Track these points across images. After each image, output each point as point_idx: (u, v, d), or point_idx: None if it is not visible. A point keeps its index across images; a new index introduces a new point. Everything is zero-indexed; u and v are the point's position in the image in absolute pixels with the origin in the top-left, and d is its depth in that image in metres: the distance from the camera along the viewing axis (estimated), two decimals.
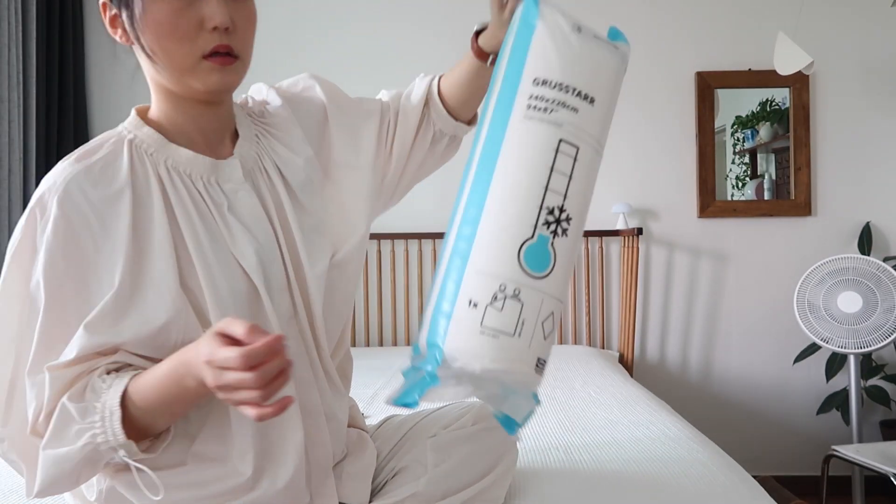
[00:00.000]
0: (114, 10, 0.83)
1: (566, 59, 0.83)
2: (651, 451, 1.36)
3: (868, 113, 2.93)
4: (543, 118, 0.80)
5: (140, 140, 0.87)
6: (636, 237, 2.76)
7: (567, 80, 0.82)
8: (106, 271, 0.80)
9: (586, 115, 0.82)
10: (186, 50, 0.81)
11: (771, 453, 2.90)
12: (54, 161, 2.76)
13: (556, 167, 0.79)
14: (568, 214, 0.78)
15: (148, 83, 0.89)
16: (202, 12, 0.80)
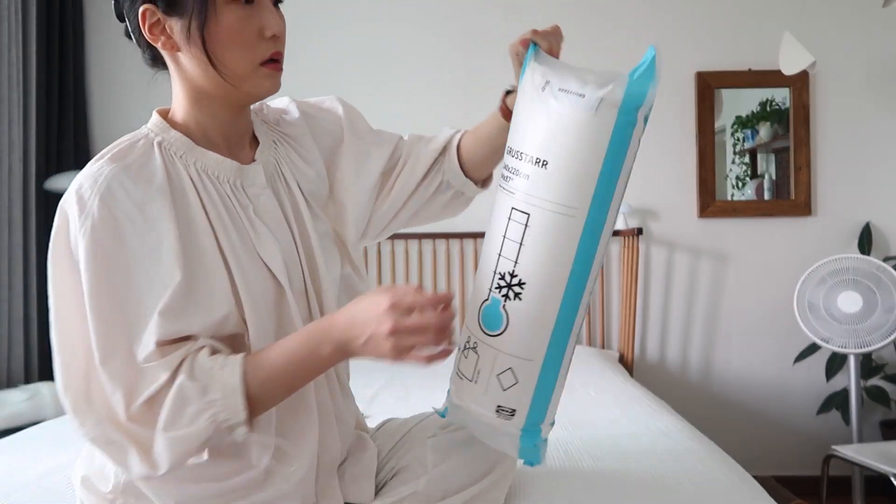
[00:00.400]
0: (156, 18, 0.85)
1: (518, 124, 0.86)
2: (651, 451, 1.36)
3: (868, 113, 2.93)
4: (504, 186, 0.86)
5: (168, 143, 0.89)
6: (636, 237, 2.76)
7: (517, 146, 0.85)
8: (155, 263, 0.80)
9: (539, 180, 0.82)
10: (248, 56, 0.85)
11: (771, 453, 2.90)
12: (54, 161, 2.77)
13: (508, 234, 0.84)
14: (520, 279, 0.83)
15: (176, 87, 0.91)
16: (262, 21, 0.85)
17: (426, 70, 2.98)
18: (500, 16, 2.99)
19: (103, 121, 2.99)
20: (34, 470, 1.30)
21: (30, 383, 2.46)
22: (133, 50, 0.93)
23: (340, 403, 0.98)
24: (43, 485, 1.22)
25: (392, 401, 1.86)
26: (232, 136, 0.94)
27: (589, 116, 0.80)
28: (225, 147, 0.93)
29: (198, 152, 0.89)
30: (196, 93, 0.90)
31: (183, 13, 0.84)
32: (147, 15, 0.85)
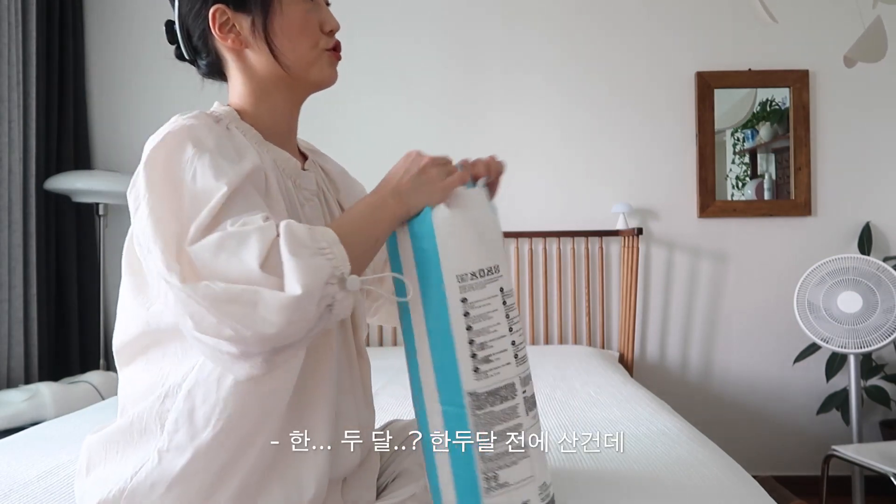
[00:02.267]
0: (226, 17, 0.90)
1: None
2: (651, 451, 1.35)
3: (868, 113, 2.93)
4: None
5: (243, 130, 0.92)
6: (636, 237, 2.76)
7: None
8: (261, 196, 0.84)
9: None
10: (312, 45, 0.92)
11: (771, 453, 2.90)
12: (54, 161, 2.77)
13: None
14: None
15: (239, 86, 0.94)
16: (320, 17, 0.94)
17: (425, 81, 2.99)
18: (499, 26, 2.99)
19: (103, 121, 2.99)
20: (34, 470, 1.30)
21: (30, 383, 2.46)
22: (133, 50, 0.94)
23: (364, 413, 0.99)
24: (43, 485, 1.22)
25: (392, 401, 1.86)
26: (290, 136, 0.99)
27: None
28: (284, 147, 0.97)
29: (267, 144, 0.93)
30: (261, 88, 0.94)
31: (250, 10, 0.90)
32: (217, 15, 0.90)
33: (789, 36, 2.94)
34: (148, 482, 0.81)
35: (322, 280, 0.73)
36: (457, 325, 0.83)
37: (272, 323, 0.71)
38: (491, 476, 0.82)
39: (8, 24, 2.52)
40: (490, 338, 0.84)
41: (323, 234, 0.77)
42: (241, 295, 0.71)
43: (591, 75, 2.98)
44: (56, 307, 2.78)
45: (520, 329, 0.87)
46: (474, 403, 0.83)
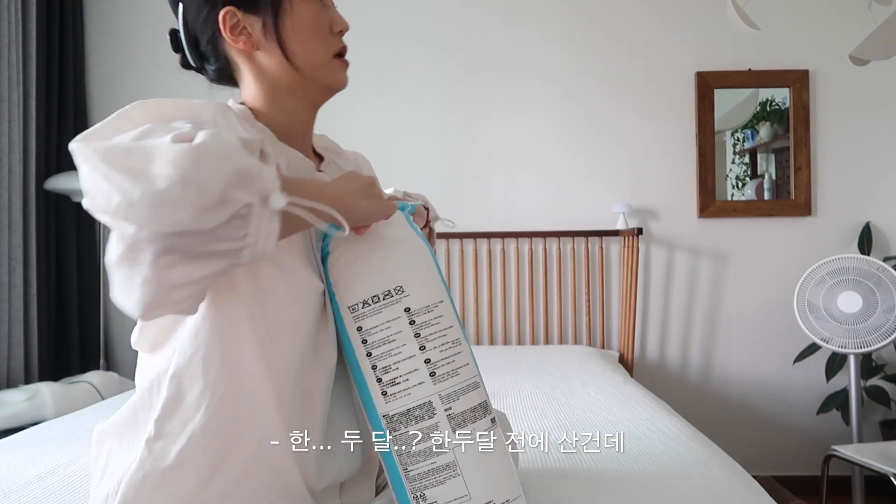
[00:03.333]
0: (236, 19, 0.89)
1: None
2: (651, 451, 1.35)
3: (868, 113, 2.93)
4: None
5: (258, 130, 0.91)
6: (636, 237, 2.76)
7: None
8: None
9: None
10: (322, 48, 0.92)
11: (771, 453, 2.90)
12: (54, 161, 2.77)
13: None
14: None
15: (251, 89, 0.93)
16: (331, 17, 0.93)
17: (426, 82, 2.99)
18: (499, 26, 2.99)
19: None
20: (34, 470, 1.30)
21: (30, 383, 2.46)
22: (133, 50, 0.94)
23: (362, 414, 0.98)
24: (43, 485, 1.22)
25: None
26: (305, 138, 0.98)
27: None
28: (299, 148, 0.96)
29: (281, 146, 0.92)
30: (274, 91, 0.93)
31: (260, 10, 0.89)
32: (228, 17, 0.89)
33: (789, 36, 2.94)
34: (140, 473, 0.79)
35: (234, 163, 0.65)
36: (359, 352, 0.85)
37: (165, 176, 0.61)
38: (419, 495, 0.84)
39: (8, 24, 2.52)
40: (393, 360, 0.83)
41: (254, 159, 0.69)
42: (135, 149, 0.64)
43: (591, 75, 2.98)
44: (56, 307, 2.78)
45: (443, 345, 0.85)
46: (389, 425, 0.84)
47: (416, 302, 0.85)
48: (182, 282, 0.66)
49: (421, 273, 0.87)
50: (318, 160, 1.02)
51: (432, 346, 0.84)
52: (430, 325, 0.85)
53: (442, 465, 0.82)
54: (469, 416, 0.85)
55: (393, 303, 0.84)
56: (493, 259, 2.92)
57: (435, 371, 0.84)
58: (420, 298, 0.85)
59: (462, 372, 0.85)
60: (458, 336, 0.87)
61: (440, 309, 0.86)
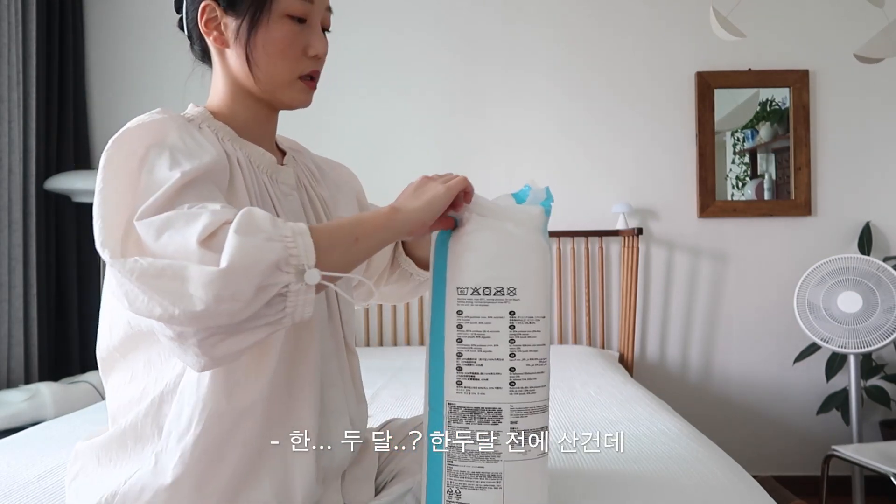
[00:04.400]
0: (214, 14, 0.91)
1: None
2: (651, 451, 1.35)
3: (868, 113, 2.93)
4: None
5: (215, 128, 0.92)
6: (636, 237, 2.76)
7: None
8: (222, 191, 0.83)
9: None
10: (289, 68, 0.91)
11: (771, 453, 2.90)
12: (54, 161, 2.77)
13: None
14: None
15: (219, 82, 0.96)
16: (308, 40, 0.92)
17: (426, 79, 2.99)
18: (500, 25, 2.99)
19: (103, 121, 2.99)
20: (34, 470, 1.30)
21: (30, 383, 2.46)
22: (133, 50, 0.95)
23: (354, 407, 0.99)
24: (43, 485, 1.22)
25: (392, 401, 1.86)
26: (265, 135, 0.98)
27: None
28: (260, 144, 0.97)
29: (242, 142, 0.93)
30: (237, 89, 0.94)
31: (239, 14, 0.89)
32: (207, 10, 0.91)
33: (789, 36, 2.94)
34: (138, 486, 0.82)
35: (265, 262, 0.68)
36: (450, 334, 0.84)
37: (200, 299, 0.66)
38: (454, 491, 0.83)
39: (8, 24, 2.52)
40: (480, 355, 0.83)
41: (292, 225, 0.73)
42: (167, 269, 0.68)
43: (591, 75, 2.98)
44: (56, 307, 2.78)
45: (532, 360, 0.84)
46: (451, 414, 0.84)
47: (524, 309, 0.84)
48: (230, 352, 0.72)
49: (538, 283, 0.86)
50: (282, 155, 1.03)
51: (522, 356, 0.83)
52: (527, 336, 0.84)
53: (488, 472, 0.82)
54: (530, 436, 0.84)
55: (502, 301, 0.84)
56: None
57: (516, 381, 0.83)
58: (528, 307, 0.84)
59: (538, 392, 0.84)
60: (545, 356, 0.86)
61: (541, 324, 0.85)
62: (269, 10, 0.88)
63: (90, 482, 0.87)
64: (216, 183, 0.82)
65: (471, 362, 0.83)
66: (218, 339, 0.70)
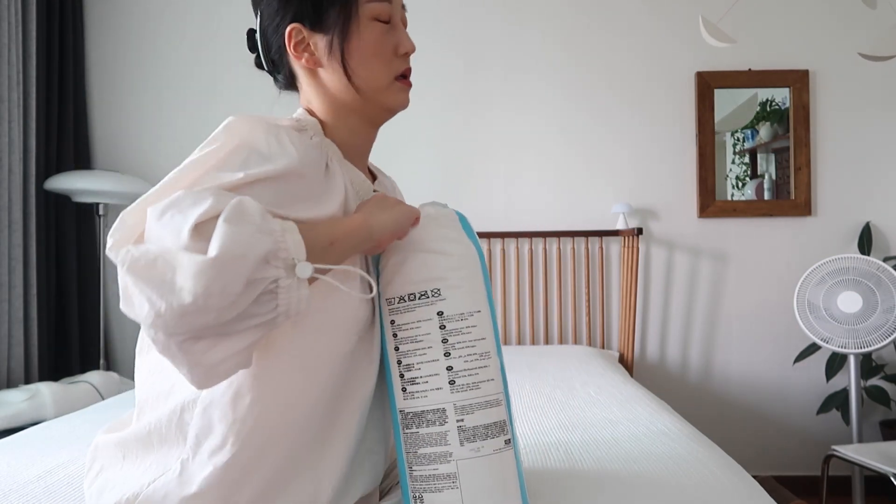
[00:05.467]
0: (301, 36, 0.90)
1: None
2: (651, 451, 1.35)
3: (868, 113, 2.93)
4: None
5: (325, 146, 0.91)
6: (636, 237, 2.76)
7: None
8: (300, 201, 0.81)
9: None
10: (385, 70, 0.92)
11: (771, 453, 2.91)
12: (54, 161, 2.77)
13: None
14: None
15: (316, 104, 0.94)
16: (396, 39, 0.93)
17: (426, 81, 2.98)
18: (499, 26, 2.99)
19: (103, 121, 2.99)
20: (34, 470, 1.30)
21: (30, 383, 2.46)
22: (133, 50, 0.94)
23: (389, 441, 0.99)
24: (43, 485, 1.22)
25: None
26: (364, 156, 0.98)
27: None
28: (359, 166, 0.96)
29: (347, 166, 0.93)
30: (338, 108, 0.94)
31: (327, 29, 0.89)
32: (293, 33, 0.90)
33: (789, 36, 2.94)
34: (163, 491, 0.81)
35: (254, 253, 0.66)
36: (389, 345, 0.87)
37: (188, 291, 0.63)
38: (417, 496, 0.84)
39: (8, 24, 2.52)
40: (417, 360, 0.84)
41: (280, 221, 0.72)
42: (159, 259, 0.65)
43: (591, 75, 2.98)
44: (56, 307, 2.78)
45: (470, 356, 0.84)
46: (403, 421, 0.85)
47: (451, 308, 0.85)
48: (223, 357, 0.69)
49: (463, 280, 0.86)
50: (373, 178, 1.03)
51: (458, 354, 0.84)
52: (461, 334, 0.84)
53: (443, 473, 0.82)
54: (481, 432, 0.83)
55: (428, 304, 0.85)
56: (493, 259, 2.92)
57: (455, 380, 0.83)
58: (455, 305, 0.85)
59: (484, 386, 0.84)
60: (488, 350, 0.85)
61: (475, 319, 0.85)
62: (357, 16, 0.89)
63: (114, 479, 0.86)
64: (287, 188, 0.79)
65: (409, 368, 0.85)
66: (207, 343, 0.67)
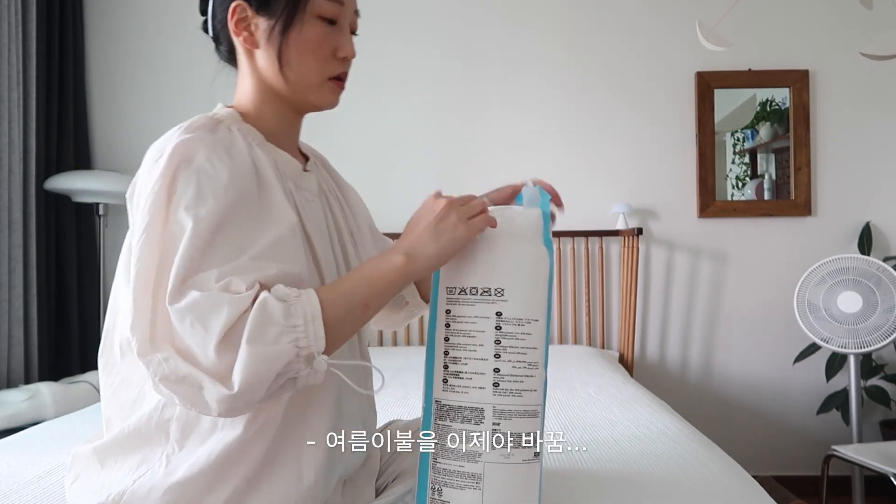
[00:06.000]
0: (245, 14, 0.91)
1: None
2: (651, 451, 1.35)
3: (868, 113, 2.93)
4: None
5: (244, 132, 0.91)
6: (636, 237, 2.76)
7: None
8: (252, 219, 0.83)
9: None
10: (319, 69, 0.92)
11: (771, 453, 2.90)
12: (54, 161, 2.77)
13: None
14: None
15: (247, 84, 0.95)
16: (337, 42, 0.93)
17: (425, 82, 2.99)
18: (498, 26, 2.99)
19: (103, 121, 2.99)
20: (34, 470, 1.30)
21: (30, 383, 2.46)
22: (133, 50, 0.95)
23: (369, 415, 1.00)
24: (43, 485, 1.22)
25: (392, 401, 1.86)
26: (291, 139, 0.99)
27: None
28: (285, 148, 0.97)
29: (269, 147, 0.93)
30: (266, 91, 0.94)
31: (271, 15, 0.90)
32: (238, 10, 0.91)
33: (789, 36, 2.94)
34: (148, 485, 0.82)
35: (275, 370, 0.73)
36: (439, 333, 0.86)
37: (214, 409, 0.73)
38: (436, 488, 0.83)
39: (8, 24, 2.52)
40: (465, 354, 0.83)
41: (304, 307, 0.76)
42: (187, 378, 0.73)
43: (591, 75, 2.98)
44: (56, 307, 2.78)
45: (519, 362, 0.83)
46: (438, 412, 0.84)
47: (511, 311, 0.83)
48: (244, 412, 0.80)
49: (529, 286, 0.85)
50: (304, 160, 1.03)
51: (508, 358, 0.83)
52: (515, 338, 0.83)
53: (468, 472, 0.82)
54: (514, 440, 0.83)
55: (488, 302, 0.83)
56: None
57: (500, 383, 0.82)
58: (516, 309, 0.83)
59: (526, 395, 0.83)
60: (537, 360, 0.84)
61: (531, 327, 0.84)
62: (303, 10, 0.89)
63: (91, 485, 0.87)
64: (247, 209, 0.82)
65: (456, 361, 0.83)
66: (235, 412, 0.77)
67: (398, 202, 2.05)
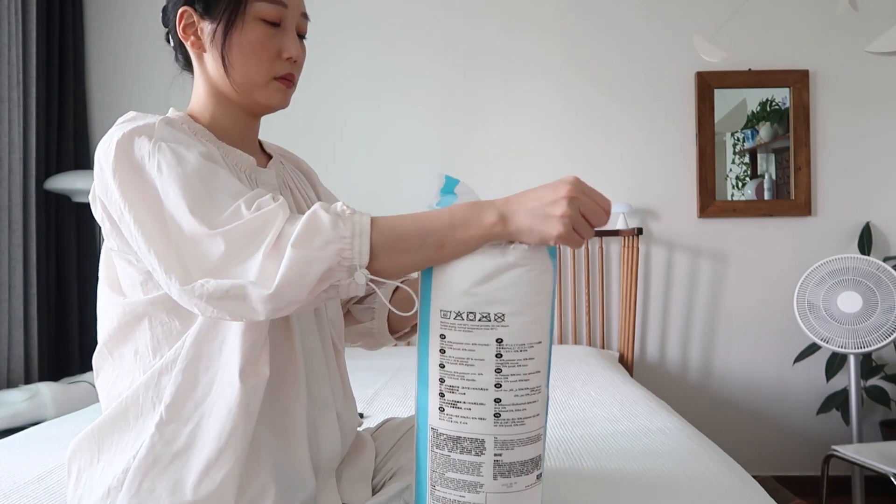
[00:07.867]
0: (192, 19, 0.94)
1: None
2: (651, 451, 1.35)
3: (868, 113, 2.93)
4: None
5: (194, 130, 0.94)
6: (636, 237, 2.76)
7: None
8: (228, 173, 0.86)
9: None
10: (263, 70, 0.94)
11: (771, 453, 2.90)
12: (54, 161, 2.77)
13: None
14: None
15: (199, 87, 0.98)
16: (281, 43, 0.94)
17: (425, 87, 2.98)
18: (498, 28, 2.99)
19: (103, 121, 2.99)
20: (34, 470, 1.30)
21: (30, 383, 2.46)
22: (133, 50, 0.95)
23: (342, 400, 1.00)
24: (43, 485, 1.22)
25: (392, 401, 1.86)
26: (246, 140, 1.00)
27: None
28: (241, 148, 0.99)
29: (220, 143, 0.95)
30: (216, 93, 0.97)
31: (214, 18, 0.92)
32: (185, 15, 0.94)
33: (789, 36, 2.94)
34: (151, 457, 0.83)
35: (317, 270, 0.74)
36: (433, 358, 0.79)
37: (260, 312, 0.76)
38: None
39: (8, 24, 2.52)
40: (464, 384, 0.77)
41: (354, 223, 0.77)
42: (231, 290, 0.75)
43: (590, 76, 2.98)
44: (56, 307, 2.78)
45: (521, 390, 0.77)
46: (434, 439, 0.79)
47: (513, 337, 0.76)
48: (298, 307, 0.79)
49: (531, 308, 0.77)
50: (267, 158, 1.05)
51: (509, 387, 0.76)
52: (516, 365, 0.77)
53: (469, 502, 0.77)
54: (517, 469, 0.77)
55: (488, 328, 0.76)
56: None
57: (501, 413, 0.77)
58: (517, 335, 0.76)
59: (528, 423, 0.78)
60: (539, 384, 0.78)
61: (534, 351, 0.78)
62: (243, 13, 0.91)
63: (92, 478, 0.87)
64: (219, 165, 0.86)
65: (453, 390, 0.77)
66: (280, 311, 0.77)
67: (398, 208, 2.05)
